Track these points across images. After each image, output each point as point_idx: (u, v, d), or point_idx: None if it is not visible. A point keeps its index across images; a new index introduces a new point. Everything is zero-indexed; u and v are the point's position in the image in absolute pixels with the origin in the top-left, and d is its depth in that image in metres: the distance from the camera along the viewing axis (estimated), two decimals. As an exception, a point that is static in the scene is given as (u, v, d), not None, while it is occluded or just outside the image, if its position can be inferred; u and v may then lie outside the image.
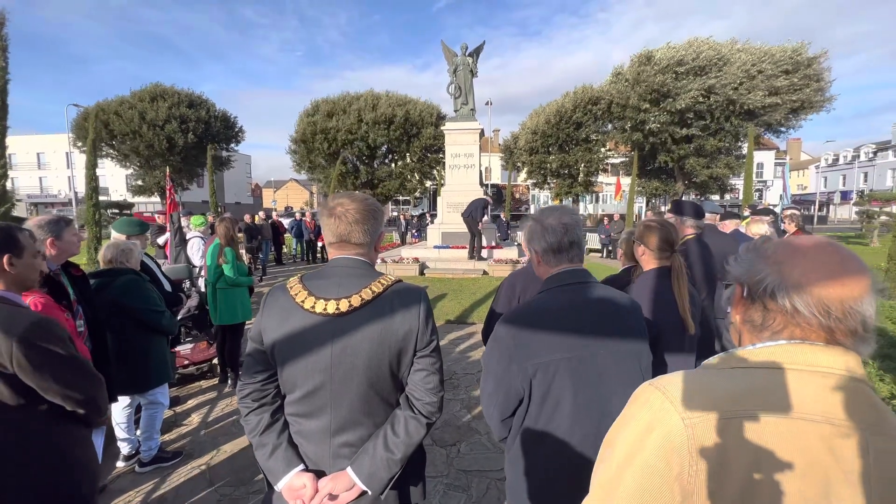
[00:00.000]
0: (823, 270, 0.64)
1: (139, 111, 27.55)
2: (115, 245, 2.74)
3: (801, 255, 0.67)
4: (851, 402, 0.62)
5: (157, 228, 7.62)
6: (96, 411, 1.56)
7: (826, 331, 0.64)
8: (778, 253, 0.69)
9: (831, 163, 51.46)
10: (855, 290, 0.63)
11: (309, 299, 1.15)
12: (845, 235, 22.18)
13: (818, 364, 0.63)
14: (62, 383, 1.40)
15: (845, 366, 0.63)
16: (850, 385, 0.62)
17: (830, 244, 0.68)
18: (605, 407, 1.17)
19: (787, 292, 0.65)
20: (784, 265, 0.67)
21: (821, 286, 0.63)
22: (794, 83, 21.92)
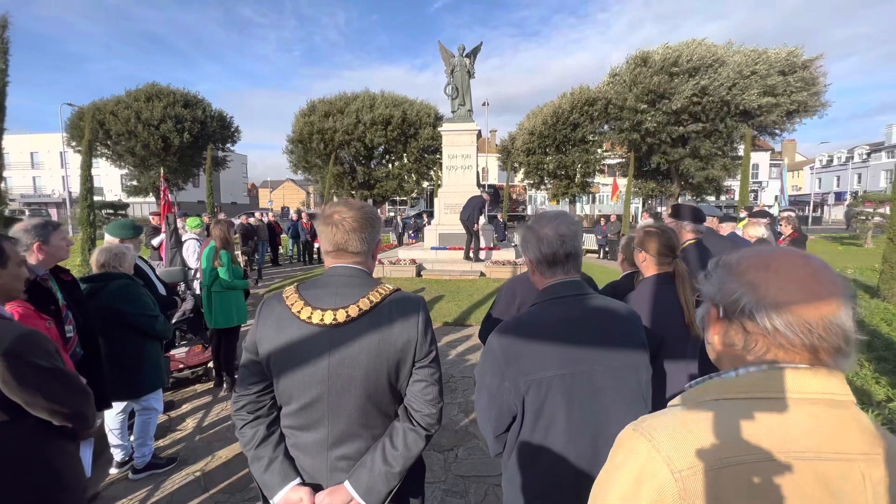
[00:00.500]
0: (799, 286, 0.62)
1: (135, 111, 27.39)
2: (107, 249, 2.70)
3: (773, 270, 0.64)
4: (842, 432, 0.60)
5: (152, 230, 7.54)
6: (84, 425, 1.51)
7: (810, 350, 0.62)
8: (750, 269, 0.66)
9: (826, 164, 51.89)
10: (833, 303, 0.61)
11: (305, 309, 1.13)
12: (839, 236, 22.35)
13: (805, 390, 0.61)
14: (49, 398, 1.35)
15: (832, 389, 0.61)
16: (838, 412, 0.61)
17: (801, 256, 0.66)
18: (601, 425, 1.14)
19: (766, 312, 0.62)
20: (758, 283, 0.64)
21: (800, 303, 0.61)
22: (791, 84, 22.06)
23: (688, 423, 0.62)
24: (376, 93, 29.92)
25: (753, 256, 0.68)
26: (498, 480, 2.76)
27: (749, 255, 0.69)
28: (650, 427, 0.63)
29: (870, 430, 0.61)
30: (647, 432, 0.62)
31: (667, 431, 0.61)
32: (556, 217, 1.31)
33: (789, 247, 0.72)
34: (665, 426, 0.62)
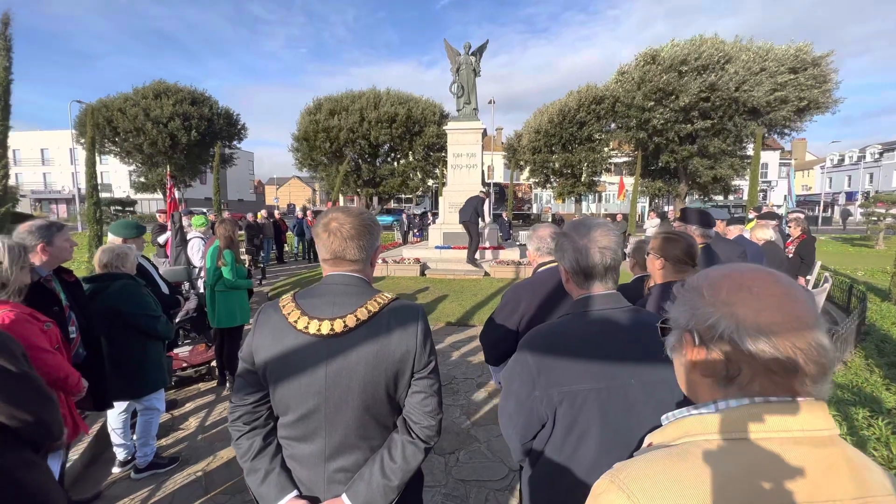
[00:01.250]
0: (777, 306, 0.59)
1: (143, 108, 27.65)
2: (109, 249, 2.70)
3: (746, 290, 0.60)
4: (831, 475, 0.56)
5: (159, 227, 7.59)
6: (46, 434, 1.45)
7: (794, 376, 0.58)
8: (724, 291, 0.62)
9: (837, 163, 51.15)
10: (811, 321, 0.58)
11: (302, 319, 1.11)
12: (849, 237, 22.04)
13: (790, 428, 0.57)
14: (8, 401, 1.31)
15: (817, 425, 0.58)
16: (825, 451, 0.57)
17: (770, 274, 0.63)
18: (635, 440, 1.10)
19: (747, 337, 0.58)
20: (735, 305, 0.60)
21: (782, 324, 0.57)
22: (801, 82, 21.76)
23: (668, 471, 0.57)
24: (382, 90, 29.94)
25: (724, 276, 0.64)
26: (499, 486, 2.75)
27: (719, 276, 0.65)
28: (627, 478, 0.58)
29: (860, 468, 0.58)
30: (625, 484, 0.58)
31: (645, 483, 0.57)
32: (596, 227, 1.25)
33: (754, 265, 0.68)
34: (643, 476, 0.58)
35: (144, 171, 30.81)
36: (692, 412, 0.64)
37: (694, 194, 28.21)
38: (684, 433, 0.62)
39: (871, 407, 3.43)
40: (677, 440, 0.62)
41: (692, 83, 22.33)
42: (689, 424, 0.63)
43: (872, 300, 6.95)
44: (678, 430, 0.64)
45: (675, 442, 0.62)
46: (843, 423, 3.18)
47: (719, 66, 22.30)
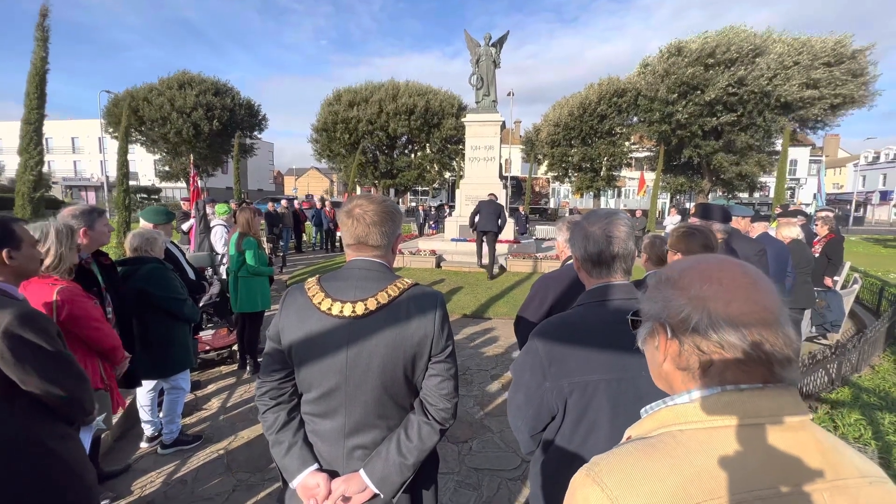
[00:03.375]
0: (745, 296, 0.59)
1: (168, 98, 28.30)
2: (140, 234, 2.81)
3: (716, 282, 0.61)
4: (801, 458, 0.57)
5: (183, 214, 7.84)
6: (78, 410, 1.52)
7: (765, 364, 0.59)
8: (694, 283, 0.62)
9: (871, 161, 48.89)
10: (776, 310, 0.59)
11: (325, 301, 1.15)
12: (883, 238, 21.15)
13: (761, 414, 0.58)
14: (43, 378, 1.37)
15: (787, 409, 0.58)
16: (796, 434, 0.58)
17: (738, 264, 0.64)
18: None
19: (717, 328, 0.59)
20: (706, 297, 0.60)
21: (750, 314, 0.58)
22: (836, 77, 20.82)
23: (642, 463, 0.58)
24: (400, 82, 29.93)
25: (693, 268, 0.65)
26: (511, 475, 2.78)
27: (688, 268, 0.65)
28: (602, 472, 0.59)
29: (831, 452, 0.58)
30: (600, 477, 0.58)
31: (620, 476, 0.57)
32: (607, 215, 1.26)
33: (722, 255, 0.68)
34: (619, 469, 0.58)
35: (168, 160, 31.62)
36: (668, 403, 0.65)
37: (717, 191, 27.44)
38: (660, 424, 0.63)
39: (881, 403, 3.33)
40: (653, 431, 0.63)
41: (719, 77, 21.61)
42: (664, 416, 0.64)
43: (904, 303, 6.69)
44: (654, 421, 0.65)
45: (651, 434, 0.63)
46: (867, 427, 3.10)
47: (749, 60, 21.50)
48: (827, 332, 5.45)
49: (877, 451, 2.82)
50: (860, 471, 0.59)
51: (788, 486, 0.55)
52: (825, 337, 5.48)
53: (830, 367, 3.84)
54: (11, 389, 1.34)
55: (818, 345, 5.17)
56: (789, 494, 0.55)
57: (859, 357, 4.23)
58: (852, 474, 0.58)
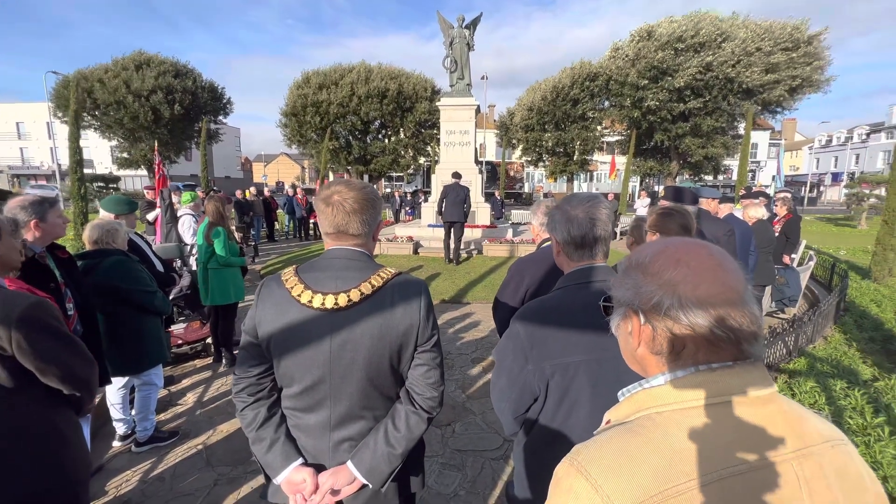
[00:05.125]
0: (712, 278, 0.61)
1: (123, 80, 26.54)
2: (99, 225, 2.65)
3: (684, 265, 0.62)
4: (768, 430, 0.59)
5: (147, 204, 7.44)
6: (90, 395, 1.56)
7: (734, 343, 0.61)
8: (664, 268, 0.64)
9: (825, 144, 51.52)
10: (741, 290, 0.61)
11: (306, 293, 1.12)
12: (834, 217, 22.47)
13: (731, 391, 0.60)
14: (61, 365, 1.40)
15: (756, 385, 0.61)
16: (764, 409, 0.60)
17: (703, 246, 0.65)
18: None
19: (687, 311, 0.60)
20: (676, 281, 0.62)
21: (717, 295, 0.60)
22: (794, 60, 21.67)
23: (623, 449, 0.59)
24: (372, 65, 29.12)
25: (661, 252, 0.66)
26: (494, 455, 2.85)
27: (657, 252, 0.66)
28: (585, 461, 0.59)
29: (797, 421, 0.61)
30: (584, 467, 0.59)
31: (604, 464, 0.58)
32: (588, 199, 1.28)
33: (689, 238, 0.70)
34: (601, 458, 0.59)
35: (127, 146, 29.85)
36: (644, 386, 0.67)
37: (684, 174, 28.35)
38: (637, 408, 0.65)
39: (849, 379, 3.59)
40: (631, 416, 0.65)
41: (688, 62, 22.10)
42: (641, 399, 0.65)
43: (853, 278, 7.17)
44: (631, 405, 0.66)
45: (630, 418, 0.65)
46: (821, 393, 3.33)
47: (716, 45, 22.05)
48: (785, 306, 5.79)
49: (830, 415, 3.04)
50: (823, 436, 0.62)
51: (760, 459, 0.57)
52: (783, 311, 5.82)
53: (788, 340, 4.09)
54: (26, 378, 1.35)
55: (777, 319, 5.48)
56: (761, 467, 0.57)
57: (814, 329, 4.52)
58: (817, 440, 0.61)
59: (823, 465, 0.59)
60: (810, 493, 0.57)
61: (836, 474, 0.60)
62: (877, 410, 3.05)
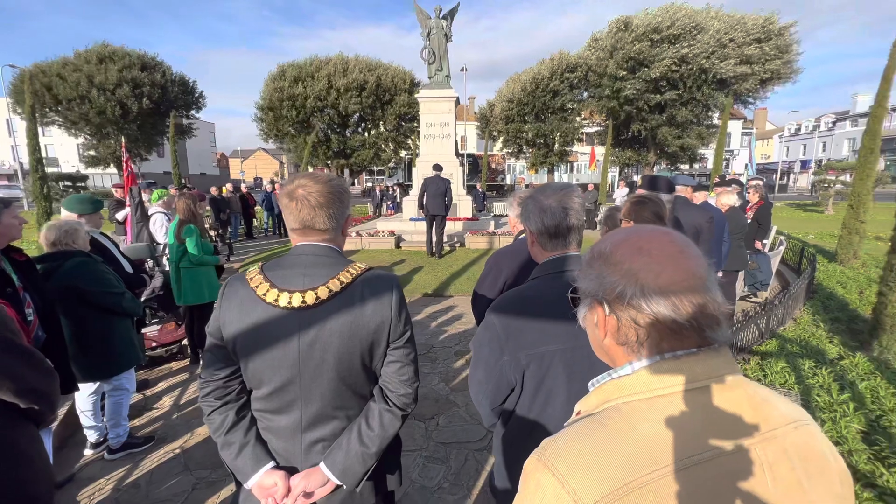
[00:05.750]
0: (674, 265, 0.61)
1: (86, 74, 25.37)
2: (56, 226, 2.52)
3: (647, 253, 0.62)
4: (734, 414, 0.59)
5: (116, 203, 7.16)
6: (50, 407, 1.47)
7: (697, 330, 0.61)
8: (626, 257, 0.63)
9: (794, 132, 53.26)
10: (704, 276, 0.61)
11: (272, 292, 1.08)
12: (803, 203, 23.30)
13: (697, 379, 0.60)
14: (15, 379, 1.31)
15: (720, 370, 0.61)
16: (729, 394, 0.60)
17: (665, 233, 0.65)
18: None
19: (650, 300, 0.60)
20: (638, 270, 0.61)
21: (679, 283, 0.60)
22: (766, 52, 22.24)
23: (589, 442, 0.58)
24: (350, 57, 28.60)
25: (624, 241, 0.65)
26: (477, 446, 2.86)
27: (620, 241, 0.66)
28: (553, 455, 0.59)
29: (762, 404, 0.61)
30: (551, 462, 0.58)
31: (570, 458, 0.57)
32: (561, 188, 1.28)
33: (652, 225, 0.70)
34: (568, 452, 0.58)
35: (94, 143, 28.64)
36: (612, 376, 0.66)
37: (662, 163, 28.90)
38: (605, 398, 0.64)
39: (816, 358, 3.74)
40: (600, 406, 0.64)
41: (664, 53, 22.43)
42: (609, 389, 0.65)
43: (821, 261, 7.45)
44: (600, 395, 0.66)
45: (598, 409, 0.64)
46: (791, 373, 3.46)
47: (691, 36, 22.43)
48: (757, 290, 5.98)
49: (799, 393, 3.16)
50: (787, 418, 0.62)
51: (724, 445, 0.57)
52: (756, 295, 6.01)
53: (760, 323, 4.22)
54: None
55: (750, 303, 5.66)
56: (726, 454, 0.57)
57: (784, 312, 4.68)
58: (781, 423, 0.61)
59: (787, 448, 0.60)
60: (773, 476, 0.57)
61: (798, 455, 0.60)
62: (842, 388, 3.18)
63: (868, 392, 3.15)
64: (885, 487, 2.26)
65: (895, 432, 2.69)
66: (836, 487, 0.62)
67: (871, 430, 2.73)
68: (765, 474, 0.57)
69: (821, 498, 0.60)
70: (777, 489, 0.57)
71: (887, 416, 2.85)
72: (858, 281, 6.40)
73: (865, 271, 6.96)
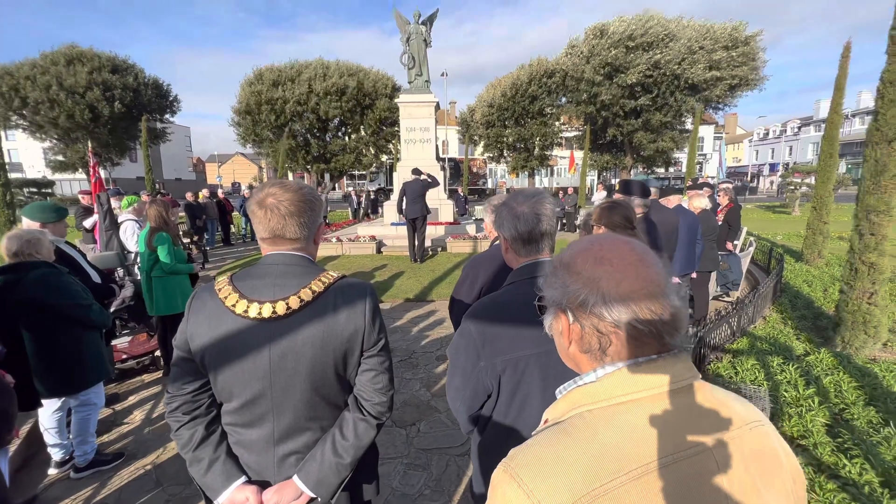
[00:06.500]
0: (634, 274, 0.63)
1: (55, 76, 24.45)
2: (17, 236, 2.41)
3: (607, 262, 0.64)
4: (693, 420, 0.61)
5: (83, 210, 6.90)
6: (7, 426, 1.42)
7: (657, 337, 0.63)
8: (587, 266, 0.65)
9: (762, 137, 55.44)
10: (662, 284, 0.63)
11: (241, 303, 1.06)
12: (771, 205, 24.22)
13: (657, 385, 0.62)
14: None
15: (679, 375, 0.63)
16: (687, 399, 0.63)
17: (625, 242, 0.67)
18: None
19: (611, 307, 0.62)
20: (598, 278, 0.63)
21: (638, 291, 0.62)
22: (733, 58, 23.13)
23: (554, 451, 0.59)
24: (330, 61, 28.39)
25: (585, 251, 0.67)
26: (459, 451, 2.86)
27: (581, 251, 0.68)
28: (518, 466, 0.59)
29: (719, 407, 0.64)
30: (516, 473, 0.59)
31: (535, 468, 0.58)
32: (533, 195, 1.30)
33: (612, 234, 0.73)
34: (534, 461, 0.59)
35: (62, 148, 27.57)
36: (578, 383, 0.68)
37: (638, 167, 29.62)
38: (571, 406, 0.65)
39: (784, 355, 3.88)
40: (566, 414, 0.65)
41: (638, 59, 23.07)
42: (575, 396, 0.66)
43: (788, 261, 7.74)
44: (566, 403, 0.67)
45: (564, 416, 0.65)
46: (761, 369, 3.58)
47: (664, 44, 23.14)
48: (729, 290, 6.17)
49: (768, 389, 3.27)
50: (743, 419, 0.65)
51: (685, 450, 0.59)
52: (728, 295, 6.21)
53: (732, 321, 4.36)
54: None
55: (722, 302, 5.84)
56: (685, 458, 0.58)
57: (754, 310, 4.85)
58: (737, 424, 0.63)
59: (742, 449, 0.62)
60: (729, 478, 0.59)
61: (753, 456, 0.62)
62: (808, 383, 3.31)
63: (832, 386, 3.29)
64: (847, 478, 2.36)
65: (857, 425, 2.81)
66: (788, 485, 0.65)
67: (835, 423, 2.85)
68: (721, 476, 0.59)
69: (775, 498, 0.62)
70: (734, 489, 0.59)
71: (849, 410, 2.98)
72: (823, 279, 6.67)
73: (829, 270, 7.27)
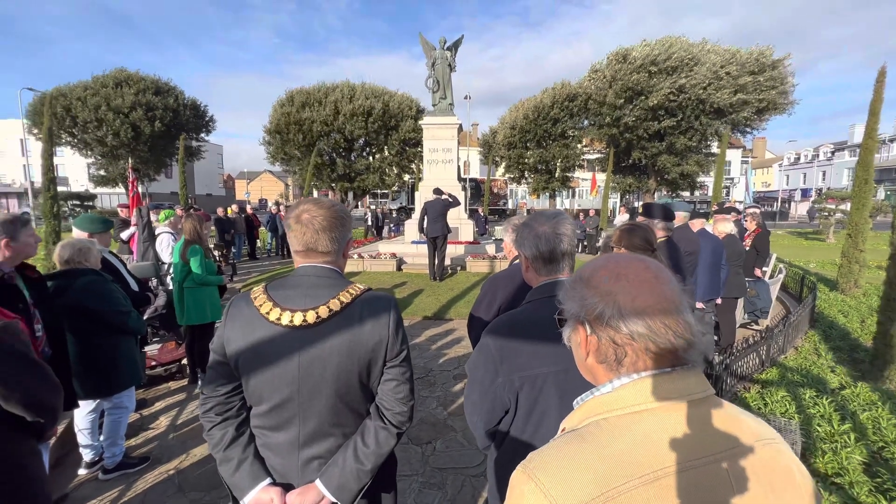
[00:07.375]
0: (649, 290, 0.66)
1: (103, 97, 26.25)
2: (70, 244, 2.61)
3: (624, 279, 0.68)
4: (705, 431, 0.63)
5: (121, 222, 7.29)
6: (54, 421, 1.51)
7: (671, 351, 0.65)
8: (604, 281, 0.69)
9: (793, 161, 53.93)
10: (677, 300, 0.66)
11: (274, 311, 1.13)
12: (804, 231, 23.34)
13: (671, 396, 0.64)
14: (26, 392, 1.34)
15: (693, 389, 0.65)
16: (700, 410, 0.65)
17: (640, 260, 0.71)
18: None
19: (628, 321, 0.65)
20: (615, 293, 0.67)
21: (654, 306, 0.65)
22: (760, 83, 22.80)
23: (571, 455, 0.62)
24: (356, 84, 29.49)
25: (603, 267, 0.71)
26: (475, 472, 2.83)
27: (600, 267, 0.72)
28: (536, 467, 0.63)
29: (731, 421, 0.66)
30: (534, 474, 0.62)
31: (552, 470, 0.61)
32: (554, 216, 1.35)
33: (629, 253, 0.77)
34: (551, 463, 0.62)
35: (105, 163, 29.30)
36: (594, 394, 0.71)
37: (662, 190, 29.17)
38: (587, 415, 0.69)
39: (817, 387, 3.71)
40: (582, 422, 0.68)
41: (662, 83, 23.03)
42: (592, 406, 0.69)
43: (822, 290, 7.44)
44: (583, 412, 0.70)
45: (581, 424, 0.68)
46: (792, 402, 3.43)
47: (687, 68, 23.08)
48: (758, 318, 5.96)
49: (799, 423, 3.13)
50: (755, 435, 0.67)
51: (695, 459, 0.61)
52: (756, 323, 5.99)
53: (761, 350, 4.21)
54: None
55: (750, 330, 5.64)
56: (696, 467, 0.61)
57: (785, 340, 4.67)
58: (749, 440, 0.65)
59: (755, 463, 0.64)
60: (740, 489, 0.61)
61: (765, 471, 0.64)
62: (843, 418, 3.15)
63: (870, 423, 3.12)
64: (887, 521, 2.22)
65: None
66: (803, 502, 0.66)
67: (873, 462, 2.70)
68: (732, 487, 0.61)
69: None
70: (744, 501, 0.61)
71: (889, 448, 2.82)
72: (860, 310, 6.37)
73: (867, 300, 6.94)
